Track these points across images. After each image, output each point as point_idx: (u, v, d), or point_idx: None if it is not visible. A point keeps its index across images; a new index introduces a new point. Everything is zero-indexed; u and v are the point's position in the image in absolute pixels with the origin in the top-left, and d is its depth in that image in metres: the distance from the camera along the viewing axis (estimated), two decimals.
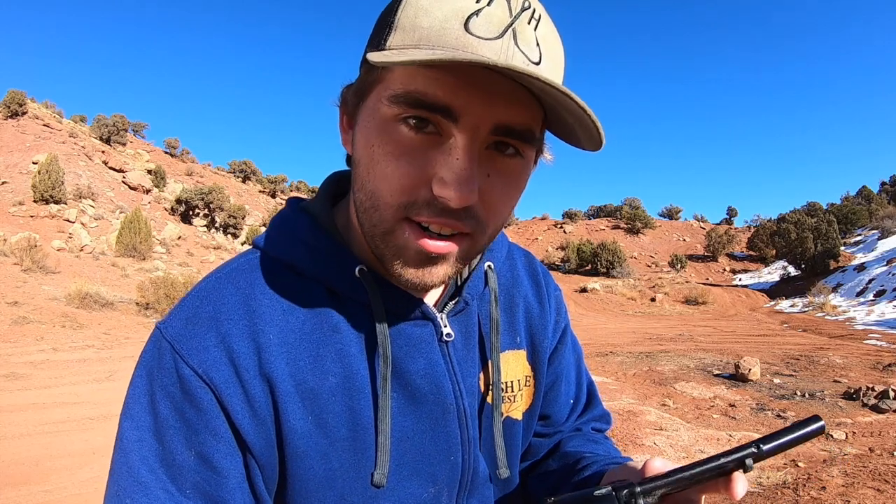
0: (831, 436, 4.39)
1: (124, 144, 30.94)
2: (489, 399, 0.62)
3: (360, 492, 0.54)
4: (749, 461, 0.47)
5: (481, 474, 0.62)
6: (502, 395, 0.63)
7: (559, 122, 0.49)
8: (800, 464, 3.82)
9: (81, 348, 7.43)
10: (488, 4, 0.44)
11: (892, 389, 5.30)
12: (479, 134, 0.46)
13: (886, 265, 18.94)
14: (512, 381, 0.65)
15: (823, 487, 3.33)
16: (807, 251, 22.47)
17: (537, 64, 0.45)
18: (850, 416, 4.98)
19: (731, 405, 5.46)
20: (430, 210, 0.47)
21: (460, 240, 0.50)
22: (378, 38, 0.47)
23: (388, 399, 0.54)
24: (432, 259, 0.50)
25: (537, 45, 0.45)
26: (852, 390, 5.71)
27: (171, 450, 0.49)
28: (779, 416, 5.06)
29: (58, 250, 15.25)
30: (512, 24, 0.44)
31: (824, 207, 29.66)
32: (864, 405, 5.27)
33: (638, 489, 0.47)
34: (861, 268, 20.22)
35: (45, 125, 25.28)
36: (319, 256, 0.56)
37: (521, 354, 0.67)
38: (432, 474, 0.58)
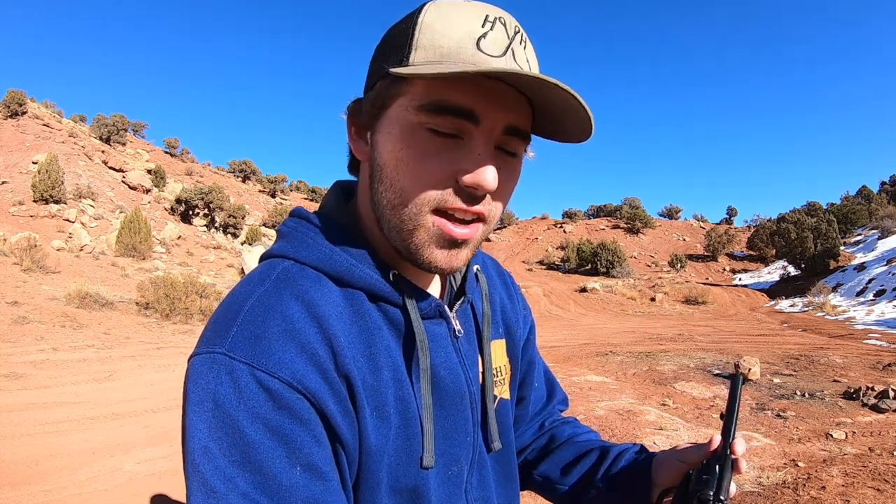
0: (831, 436, 4.39)
1: (124, 144, 30.95)
2: (485, 384, 0.72)
3: (412, 474, 0.60)
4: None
5: (483, 450, 0.71)
6: (494, 378, 0.74)
7: (550, 122, 0.59)
8: (800, 464, 3.82)
9: (81, 348, 7.43)
10: (491, 29, 0.54)
11: (892, 389, 5.30)
12: (494, 134, 0.55)
13: (886, 265, 18.94)
14: (500, 367, 0.76)
15: (823, 487, 3.33)
16: (807, 251, 22.46)
17: None
18: (850, 416, 4.98)
19: None
20: (458, 199, 0.55)
21: (477, 226, 0.58)
22: (399, 56, 0.55)
23: (429, 388, 0.61)
24: (457, 244, 0.58)
25: (527, 60, 0.56)
26: (852, 390, 5.71)
27: (272, 474, 0.48)
28: (778, 415, 5.06)
29: (58, 250, 15.25)
30: (510, 44, 0.55)
31: (824, 207, 29.63)
32: (864, 405, 5.26)
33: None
34: (861, 267, 20.23)
35: (44, 125, 25.28)
36: (362, 265, 0.61)
37: (502, 343, 0.79)
38: (455, 455, 0.66)
